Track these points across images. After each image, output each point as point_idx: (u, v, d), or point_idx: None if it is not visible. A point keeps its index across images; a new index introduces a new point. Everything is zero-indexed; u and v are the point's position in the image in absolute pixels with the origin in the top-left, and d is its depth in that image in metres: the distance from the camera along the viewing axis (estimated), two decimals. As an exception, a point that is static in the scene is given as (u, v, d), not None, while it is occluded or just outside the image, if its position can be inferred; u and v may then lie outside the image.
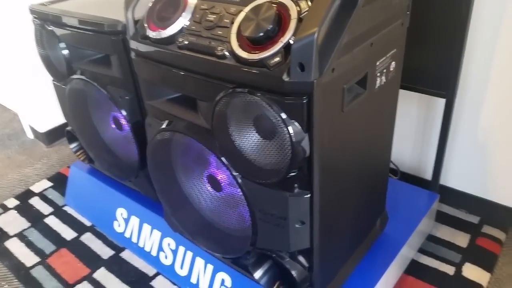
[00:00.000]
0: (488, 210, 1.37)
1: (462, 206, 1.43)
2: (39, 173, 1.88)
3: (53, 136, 2.08)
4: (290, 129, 0.72)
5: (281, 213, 0.84)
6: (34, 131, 2.11)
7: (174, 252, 1.28)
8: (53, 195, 1.73)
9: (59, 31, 1.20)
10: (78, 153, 1.53)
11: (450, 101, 1.16)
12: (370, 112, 0.89)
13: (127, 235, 1.43)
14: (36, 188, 1.77)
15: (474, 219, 1.40)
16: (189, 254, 1.24)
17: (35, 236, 1.53)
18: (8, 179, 1.86)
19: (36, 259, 1.43)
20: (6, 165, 1.95)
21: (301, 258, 0.90)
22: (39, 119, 2.02)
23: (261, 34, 0.70)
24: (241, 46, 0.74)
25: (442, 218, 1.41)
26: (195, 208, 1.09)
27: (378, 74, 0.86)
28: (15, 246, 1.49)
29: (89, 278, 1.34)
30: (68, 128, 1.48)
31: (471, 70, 1.22)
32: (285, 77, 0.68)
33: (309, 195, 0.80)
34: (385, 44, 0.84)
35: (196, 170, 1.02)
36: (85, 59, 1.23)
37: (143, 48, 0.90)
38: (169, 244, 1.30)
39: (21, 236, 1.53)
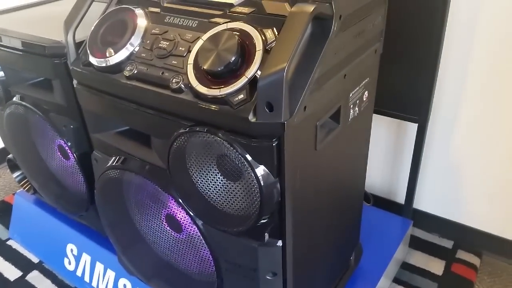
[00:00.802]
0: (462, 234, 1.33)
1: (435, 230, 1.38)
2: (-20, 201, 1.70)
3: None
4: (258, 172, 0.62)
5: (250, 265, 0.74)
6: (-25, 154, 1.92)
7: (131, 293, 1.16)
8: (-4, 227, 1.56)
9: (-8, 51, 1.06)
10: (22, 182, 1.38)
11: (423, 126, 1.10)
12: (343, 146, 0.82)
13: (78, 273, 1.29)
14: (-24, 219, 1.60)
15: (448, 243, 1.35)
16: (147, 297, 1.12)
17: (-28, 277, 1.36)
18: None
19: (-27, 306, 1.27)
20: None
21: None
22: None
23: (222, 67, 0.60)
24: (199, 79, 0.64)
25: (415, 243, 1.35)
26: (150, 248, 0.97)
27: (351, 106, 0.78)
28: None
29: (34, 327, 1.19)
30: (10, 156, 1.33)
31: (443, 93, 1.17)
32: (251, 118, 0.59)
33: (281, 244, 0.71)
34: (358, 73, 0.77)
35: (152, 207, 0.91)
36: (25, 83, 1.09)
37: (85, 76, 0.78)
38: (125, 286, 1.17)
39: (-45, 278, 1.36)
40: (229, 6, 0.69)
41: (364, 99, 0.83)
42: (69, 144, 1.04)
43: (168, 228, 0.92)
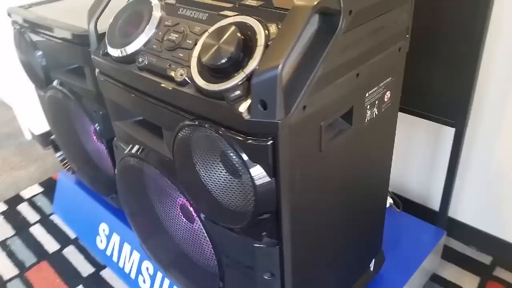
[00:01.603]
0: (502, 250, 1.23)
1: (473, 243, 1.29)
2: (32, 177, 1.82)
3: (49, 138, 2.02)
4: (253, 171, 0.61)
5: (248, 263, 0.73)
6: (31, 132, 2.06)
7: (152, 278, 1.19)
8: (42, 202, 1.66)
9: (35, 38, 1.12)
10: (64, 162, 1.46)
11: (460, 131, 1.02)
12: (359, 148, 0.77)
13: (108, 252, 1.35)
14: (27, 193, 1.72)
15: (486, 258, 1.25)
16: (167, 282, 1.15)
17: (17, 246, 1.47)
18: (0, 182, 1.81)
19: (15, 271, 1.36)
20: (0, 167, 1.91)
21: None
22: (35, 120, 1.96)
23: (221, 62, 0.59)
24: (201, 72, 0.63)
25: (449, 255, 1.27)
26: (168, 238, 0.99)
27: (368, 107, 0.74)
28: (-5, 256, 1.43)
29: (64, 298, 1.27)
30: (53, 136, 1.41)
31: (486, 97, 1.07)
32: (246, 115, 0.57)
33: (278, 246, 0.69)
34: (377, 73, 0.72)
35: (167, 196, 0.93)
36: (63, 68, 1.14)
37: (103, 65, 0.80)
38: (147, 269, 1.21)
39: (3, 245, 1.47)
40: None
41: (386, 99, 0.78)
42: (98, 128, 1.09)
43: (182, 217, 0.93)
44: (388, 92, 0.78)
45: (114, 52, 0.76)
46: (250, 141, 0.59)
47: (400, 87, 0.82)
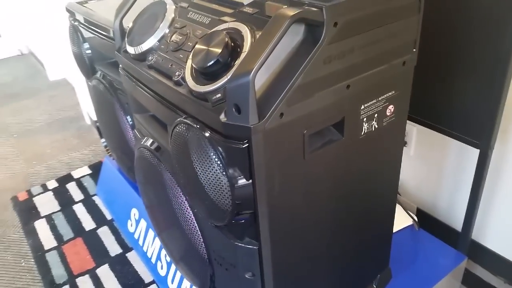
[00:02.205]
0: (531, 285, 1.14)
1: (501, 273, 1.20)
2: (84, 159, 1.98)
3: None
4: (230, 172, 0.63)
5: (230, 260, 0.76)
6: (90, 117, 2.23)
7: (169, 265, 1.26)
8: (88, 183, 1.80)
9: (84, 31, 1.23)
10: (107, 148, 1.57)
11: (485, 153, 0.96)
12: (355, 160, 0.77)
13: (136, 236, 1.44)
14: (77, 173, 1.87)
15: (512, 292, 1.17)
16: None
17: (60, 220, 1.61)
18: (56, 161, 1.98)
19: (54, 243, 1.50)
20: (59, 147, 2.09)
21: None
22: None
23: (207, 65, 0.62)
24: (193, 74, 0.67)
25: (473, 284, 1.20)
26: (177, 231, 1.04)
27: (365, 119, 0.73)
28: (41, 227, 1.58)
29: (91, 273, 1.37)
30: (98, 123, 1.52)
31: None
32: (223, 118, 0.60)
33: (257, 247, 0.71)
34: (374, 86, 0.71)
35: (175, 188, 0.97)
36: (105, 61, 1.24)
37: (123, 61, 0.86)
38: (166, 255, 1.28)
39: (49, 218, 1.62)
40: (240, 6, 0.70)
41: (388, 113, 0.77)
42: (129, 120, 1.16)
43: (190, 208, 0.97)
44: (391, 106, 0.77)
45: (131, 49, 0.82)
46: (227, 143, 0.62)
47: (408, 102, 0.80)
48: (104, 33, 1.09)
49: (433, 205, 1.32)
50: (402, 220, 1.23)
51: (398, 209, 1.26)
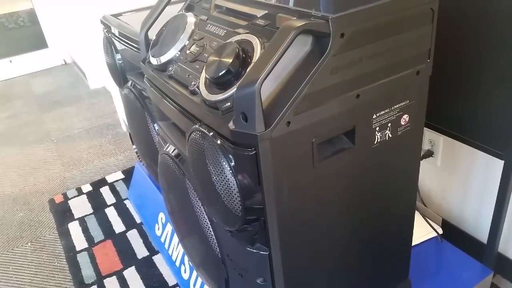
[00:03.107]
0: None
1: (531, 291, 1.16)
2: (118, 164, 2.06)
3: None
4: (240, 178, 0.65)
5: (242, 265, 0.77)
6: (126, 124, 2.31)
7: (191, 269, 1.29)
8: (121, 187, 1.87)
9: (116, 43, 1.29)
10: (138, 154, 1.63)
11: (509, 164, 0.94)
12: (369, 169, 0.77)
13: (162, 239, 1.48)
14: (110, 178, 1.95)
15: (542, 310, 1.12)
16: (201, 275, 1.23)
17: (92, 223, 1.68)
18: (92, 166, 2.07)
19: (85, 245, 1.57)
20: (95, 152, 2.18)
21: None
22: (128, 115, 2.21)
23: (218, 75, 0.65)
24: (206, 84, 0.69)
25: (500, 299, 1.16)
26: (197, 238, 1.07)
27: (378, 128, 0.73)
28: (74, 229, 1.65)
29: (118, 274, 1.42)
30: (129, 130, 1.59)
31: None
32: (231, 125, 0.62)
33: (267, 253, 0.72)
34: (387, 95, 0.71)
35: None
36: (135, 71, 1.30)
37: (147, 71, 0.91)
38: (189, 260, 1.31)
39: (82, 220, 1.70)
40: (254, 18, 0.72)
41: (402, 123, 0.77)
42: (157, 129, 1.21)
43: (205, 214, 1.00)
44: (406, 115, 0.77)
45: (154, 60, 0.86)
46: (236, 150, 0.64)
47: (424, 111, 0.80)
48: (133, 44, 1.14)
49: (459, 216, 1.28)
50: (425, 231, 1.20)
51: (422, 220, 1.23)
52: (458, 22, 0.92)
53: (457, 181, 1.25)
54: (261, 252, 0.72)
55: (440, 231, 1.21)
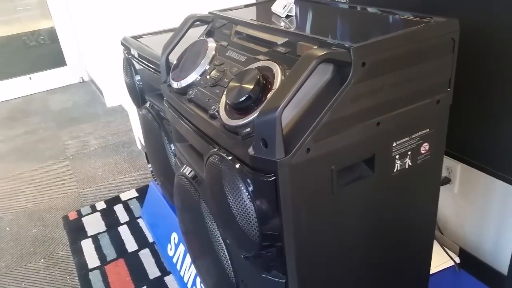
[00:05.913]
0: None
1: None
2: (132, 183, 2.07)
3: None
4: (258, 204, 0.65)
5: (257, 290, 0.77)
6: (142, 143, 2.34)
7: (203, 291, 1.28)
8: (135, 205, 1.88)
9: (135, 64, 1.32)
10: (153, 173, 1.64)
11: (529, 194, 0.92)
12: (388, 197, 0.76)
13: (174, 260, 1.48)
14: (124, 196, 1.96)
15: None
16: (213, 298, 1.22)
17: (105, 241, 1.68)
18: (107, 183, 2.09)
19: (97, 263, 1.57)
20: (110, 170, 2.20)
21: None
22: (143, 134, 2.23)
23: (238, 100, 0.65)
24: (226, 108, 0.70)
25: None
26: (212, 260, 1.06)
27: (397, 157, 0.73)
28: (87, 247, 1.66)
29: (130, 294, 1.42)
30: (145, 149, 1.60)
31: None
32: (251, 151, 0.62)
33: (284, 280, 0.71)
34: (407, 124, 0.71)
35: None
36: (154, 92, 1.32)
37: (167, 94, 0.92)
38: (201, 282, 1.30)
39: (95, 238, 1.70)
40: (274, 45, 0.73)
41: (422, 151, 0.76)
42: (173, 148, 1.22)
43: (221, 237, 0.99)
44: (426, 144, 0.76)
45: (174, 84, 0.88)
46: (255, 175, 0.64)
47: (444, 140, 0.79)
48: (153, 66, 1.16)
49: (478, 245, 1.25)
50: (442, 259, 1.18)
51: (439, 248, 1.21)
52: (479, 53, 0.92)
53: (475, 209, 1.23)
54: (278, 280, 0.72)
55: (458, 260, 1.18)
